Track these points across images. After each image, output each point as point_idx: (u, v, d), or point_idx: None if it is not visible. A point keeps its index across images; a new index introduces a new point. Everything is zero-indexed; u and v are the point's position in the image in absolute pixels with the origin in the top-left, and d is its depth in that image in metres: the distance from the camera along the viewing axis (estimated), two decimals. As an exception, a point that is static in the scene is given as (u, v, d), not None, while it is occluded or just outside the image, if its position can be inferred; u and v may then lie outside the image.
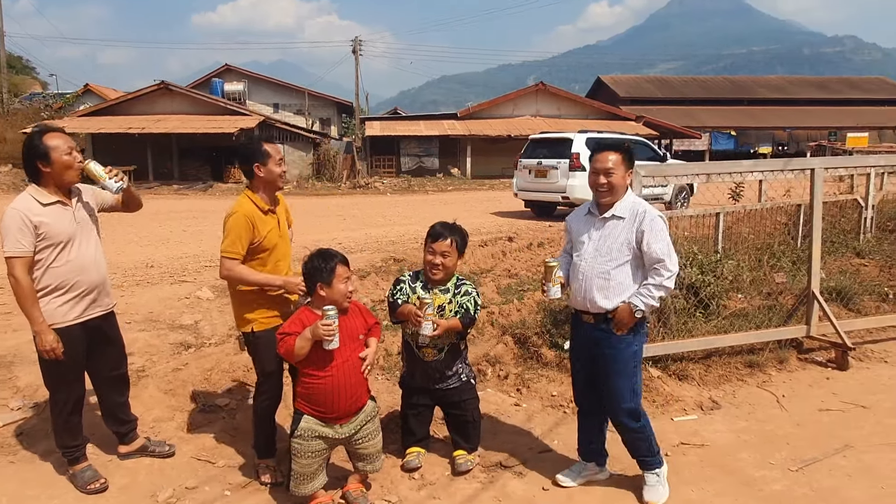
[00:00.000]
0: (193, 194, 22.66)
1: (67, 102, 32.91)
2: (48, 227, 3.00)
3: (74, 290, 3.10)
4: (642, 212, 3.01)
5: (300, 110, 36.90)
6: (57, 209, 3.07)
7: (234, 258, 3.12)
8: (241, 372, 4.58)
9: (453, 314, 3.30)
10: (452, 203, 18.33)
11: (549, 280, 3.14)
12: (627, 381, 3.06)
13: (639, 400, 3.14)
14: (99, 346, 3.28)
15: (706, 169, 5.08)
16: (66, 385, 3.18)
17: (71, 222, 3.11)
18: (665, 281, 2.95)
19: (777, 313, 5.38)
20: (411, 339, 3.38)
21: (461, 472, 3.35)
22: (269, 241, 3.22)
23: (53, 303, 3.06)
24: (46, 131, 3.09)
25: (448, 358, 3.35)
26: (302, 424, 2.92)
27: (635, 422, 3.09)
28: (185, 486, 3.25)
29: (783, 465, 3.42)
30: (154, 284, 7.37)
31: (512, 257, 8.43)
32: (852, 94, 43.76)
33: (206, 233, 12.15)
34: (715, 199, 7.81)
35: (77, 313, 3.13)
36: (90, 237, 3.21)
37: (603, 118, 31.53)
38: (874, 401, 4.25)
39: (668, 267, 2.95)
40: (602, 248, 3.05)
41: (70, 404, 3.21)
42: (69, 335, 3.09)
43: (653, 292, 2.96)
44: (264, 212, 3.22)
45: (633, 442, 3.15)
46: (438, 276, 3.30)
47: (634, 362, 3.08)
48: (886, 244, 7.68)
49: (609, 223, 3.06)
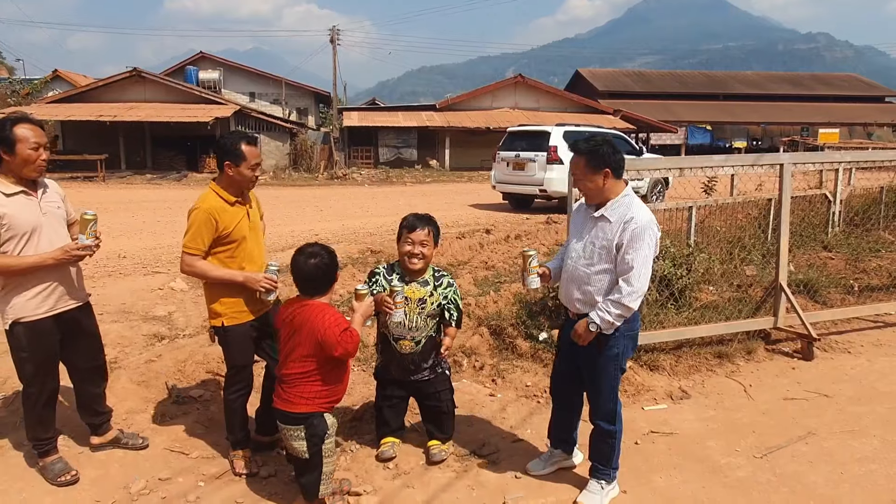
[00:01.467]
0: (167, 184, 22.30)
1: (35, 89, 32.07)
2: (11, 219, 2.92)
3: (43, 283, 3.04)
4: (630, 219, 2.79)
5: (277, 100, 36.49)
6: (20, 200, 2.98)
7: (194, 254, 3.09)
8: (215, 363, 4.55)
9: (436, 306, 3.32)
10: (431, 195, 18.32)
11: (526, 270, 3.09)
12: (608, 382, 2.99)
13: (618, 403, 3.04)
14: (74, 339, 3.24)
15: (678, 163, 5.17)
16: (38, 378, 3.13)
17: (35, 213, 3.03)
18: (624, 298, 2.75)
19: (746, 305, 5.51)
20: (388, 332, 3.39)
21: (435, 462, 3.39)
22: (238, 233, 3.17)
23: (23, 296, 3.00)
24: (20, 121, 2.99)
25: (424, 350, 3.37)
26: (330, 422, 2.85)
27: (610, 424, 3.01)
28: (159, 477, 3.24)
29: (748, 453, 3.52)
30: (127, 276, 7.27)
31: (489, 249, 8.47)
32: (825, 90, 44.69)
33: (180, 223, 11.96)
34: (688, 193, 7.92)
35: (48, 306, 3.07)
36: (58, 229, 3.13)
37: (581, 111, 31.75)
38: (837, 390, 4.38)
39: (631, 282, 2.74)
40: (586, 249, 2.92)
41: (44, 397, 3.16)
42: (40, 328, 3.05)
43: (610, 308, 2.78)
44: (231, 203, 3.17)
45: (599, 444, 3.07)
46: (418, 266, 3.29)
47: (616, 364, 2.96)
48: (853, 238, 7.87)
49: (598, 224, 2.89)
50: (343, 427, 3.80)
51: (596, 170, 2.84)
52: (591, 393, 3.08)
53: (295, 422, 2.79)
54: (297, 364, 2.78)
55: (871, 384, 4.50)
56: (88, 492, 3.13)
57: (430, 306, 3.31)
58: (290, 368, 2.80)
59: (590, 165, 2.85)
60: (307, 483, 2.86)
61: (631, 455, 3.49)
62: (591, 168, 2.85)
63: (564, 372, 3.23)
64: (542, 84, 35.17)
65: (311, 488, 2.86)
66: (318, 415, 2.81)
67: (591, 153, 2.85)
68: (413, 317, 3.29)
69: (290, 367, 2.81)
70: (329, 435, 2.84)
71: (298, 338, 2.78)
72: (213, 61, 37.36)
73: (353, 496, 3.08)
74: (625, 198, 2.87)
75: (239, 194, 3.22)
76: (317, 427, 2.80)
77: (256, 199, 3.45)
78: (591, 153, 2.85)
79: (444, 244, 8.52)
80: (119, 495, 3.09)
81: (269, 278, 3.13)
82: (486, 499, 3.10)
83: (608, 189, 2.87)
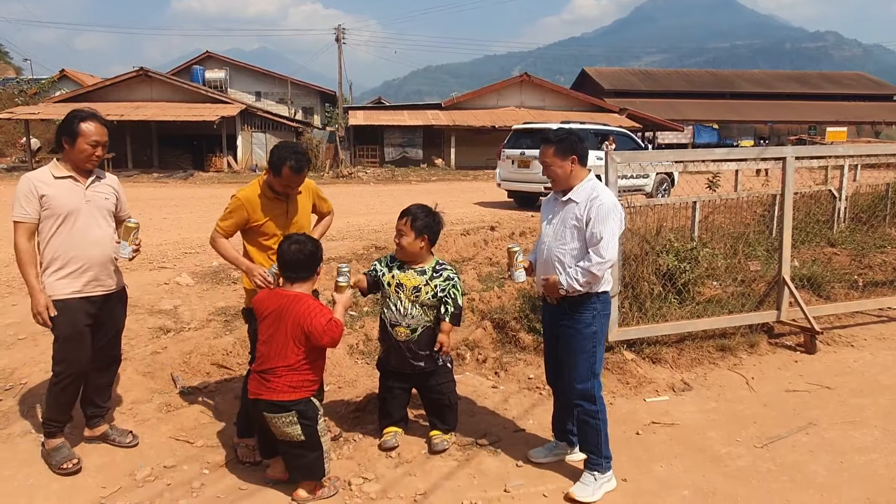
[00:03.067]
0: (174, 183, 22.41)
1: (43, 88, 32.32)
2: (52, 200, 3.09)
3: (72, 265, 3.14)
4: (595, 197, 3.02)
5: (283, 99, 36.60)
6: (67, 184, 3.15)
7: (219, 232, 3.33)
8: (220, 355, 4.60)
9: (431, 297, 3.36)
10: (436, 193, 18.33)
11: (513, 265, 3.23)
12: (585, 360, 3.07)
13: (596, 383, 3.11)
14: (98, 324, 3.30)
15: (681, 156, 5.18)
16: (62, 356, 3.18)
17: (78, 198, 3.16)
18: (593, 267, 2.93)
19: (750, 300, 5.51)
20: (385, 319, 3.43)
21: (437, 452, 3.42)
22: (270, 228, 3.29)
23: (53, 276, 3.13)
24: (89, 117, 3.17)
25: (421, 339, 3.40)
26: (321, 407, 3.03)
27: (591, 404, 3.07)
28: (164, 465, 3.28)
29: (749, 443, 3.54)
30: (133, 271, 7.31)
31: (493, 246, 8.49)
32: (833, 89, 44.45)
33: (185, 220, 12.09)
34: (694, 191, 7.93)
35: (75, 288, 3.16)
36: (98, 219, 3.24)
37: (587, 110, 31.69)
38: (839, 382, 4.38)
39: (599, 252, 2.94)
40: (558, 230, 3.11)
41: (65, 378, 3.19)
42: (67, 306, 3.13)
43: (577, 275, 2.97)
44: (269, 197, 3.29)
45: (584, 428, 3.11)
46: (399, 255, 3.40)
47: (593, 343, 3.07)
48: (858, 234, 7.86)
49: (567, 206, 3.10)
50: (346, 418, 3.84)
51: (564, 156, 3.09)
52: (569, 372, 3.14)
53: (285, 409, 2.87)
54: (284, 356, 2.87)
55: (874, 377, 4.50)
56: (94, 478, 3.17)
57: (425, 296, 3.35)
58: (277, 361, 2.88)
59: (558, 153, 3.09)
60: (311, 463, 2.93)
61: (632, 445, 3.51)
62: (559, 155, 3.09)
63: (552, 360, 3.31)
64: (548, 83, 35.12)
65: (316, 467, 2.94)
66: (306, 400, 2.91)
67: (560, 142, 3.11)
68: (407, 304, 3.35)
69: (275, 360, 2.88)
70: (321, 415, 2.95)
71: (283, 328, 2.87)
72: (219, 61, 37.52)
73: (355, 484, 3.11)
74: (589, 182, 3.12)
75: (279, 191, 3.31)
76: (307, 410, 2.90)
77: (317, 194, 3.57)
78: (559, 142, 3.11)
79: (448, 241, 8.55)
80: (125, 482, 3.14)
81: (264, 276, 3.17)
82: (487, 486, 3.12)
83: (574, 175, 3.11)
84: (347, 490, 3.07)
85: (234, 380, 4.28)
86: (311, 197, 3.53)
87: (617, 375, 4.39)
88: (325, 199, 3.64)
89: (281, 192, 3.30)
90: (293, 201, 3.39)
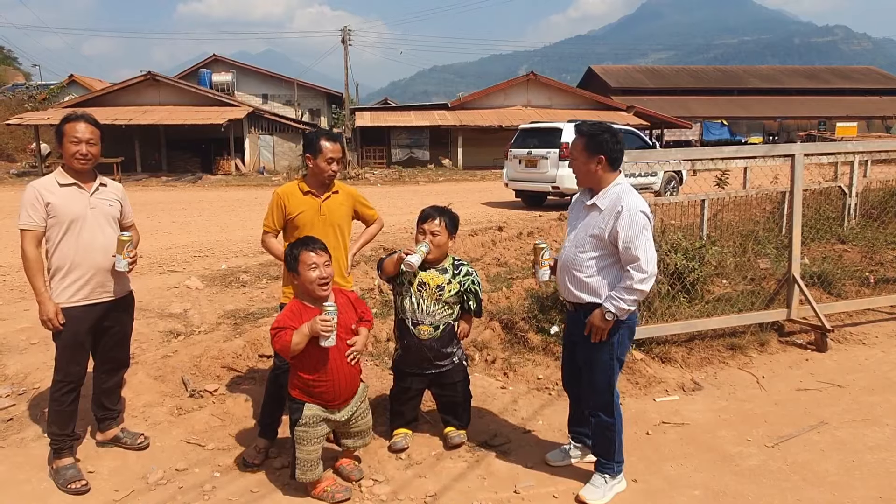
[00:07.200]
0: (182, 186, 22.53)
1: (52, 93, 32.58)
2: (57, 207, 3.11)
3: (78, 272, 3.16)
4: (621, 207, 2.80)
5: (289, 101, 36.70)
6: (72, 191, 3.17)
7: (266, 230, 3.47)
8: (230, 359, 4.62)
9: (454, 294, 3.39)
10: (444, 193, 18.34)
11: (538, 262, 3.12)
12: (604, 373, 2.97)
13: (614, 394, 3.02)
14: (102, 330, 3.33)
15: (689, 155, 5.15)
16: (62, 364, 3.21)
17: (83, 206, 3.18)
18: (637, 284, 2.75)
19: (759, 298, 5.48)
20: (406, 317, 3.43)
21: (454, 446, 3.44)
22: (301, 220, 3.36)
23: (61, 283, 3.15)
24: (75, 118, 3.19)
25: (443, 337, 3.41)
26: (306, 412, 2.95)
27: (609, 416, 3.00)
28: (175, 468, 3.31)
29: (760, 442, 3.52)
30: (143, 275, 7.37)
31: (501, 246, 8.49)
32: (842, 83, 44.05)
33: (194, 224, 12.15)
34: (703, 189, 7.89)
35: (81, 296, 3.18)
36: (103, 226, 3.25)
37: (594, 108, 31.59)
38: (850, 380, 4.35)
39: (641, 268, 2.74)
40: (579, 237, 2.95)
41: (65, 386, 3.21)
42: (70, 315, 3.15)
43: (623, 296, 2.78)
44: (304, 192, 3.39)
45: (599, 437, 3.07)
46: (431, 256, 3.37)
47: (611, 355, 2.95)
48: (869, 231, 7.79)
49: (591, 213, 2.92)
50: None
51: (591, 154, 2.87)
52: (588, 384, 3.07)
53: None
54: None
55: (885, 374, 4.47)
56: (107, 482, 3.20)
57: (448, 293, 3.38)
58: None
59: (587, 149, 2.88)
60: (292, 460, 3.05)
61: (642, 445, 3.50)
62: (587, 151, 2.88)
63: (570, 366, 3.26)
64: (555, 81, 35.01)
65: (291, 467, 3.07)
66: (295, 399, 2.98)
67: (591, 137, 2.88)
68: (430, 302, 3.36)
69: None
70: (300, 424, 2.94)
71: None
72: (226, 64, 37.66)
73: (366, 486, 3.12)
74: (616, 186, 2.89)
75: (316, 185, 3.40)
76: (293, 410, 2.98)
77: (359, 200, 3.60)
78: (591, 137, 2.88)
79: (457, 241, 8.52)
80: (137, 485, 3.16)
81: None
82: (497, 487, 3.13)
83: (601, 177, 2.90)
84: (357, 492, 3.08)
85: (244, 382, 4.30)
86: (352, 202, 3.57)
87: (626, 375, 4.38)
88: (368, 205, 3.65)
89: (324, 178, 3.37)
90: (328, 200, 3.43)
